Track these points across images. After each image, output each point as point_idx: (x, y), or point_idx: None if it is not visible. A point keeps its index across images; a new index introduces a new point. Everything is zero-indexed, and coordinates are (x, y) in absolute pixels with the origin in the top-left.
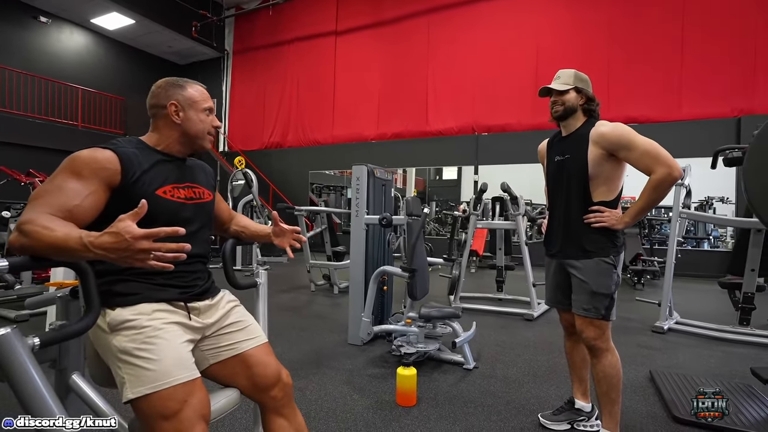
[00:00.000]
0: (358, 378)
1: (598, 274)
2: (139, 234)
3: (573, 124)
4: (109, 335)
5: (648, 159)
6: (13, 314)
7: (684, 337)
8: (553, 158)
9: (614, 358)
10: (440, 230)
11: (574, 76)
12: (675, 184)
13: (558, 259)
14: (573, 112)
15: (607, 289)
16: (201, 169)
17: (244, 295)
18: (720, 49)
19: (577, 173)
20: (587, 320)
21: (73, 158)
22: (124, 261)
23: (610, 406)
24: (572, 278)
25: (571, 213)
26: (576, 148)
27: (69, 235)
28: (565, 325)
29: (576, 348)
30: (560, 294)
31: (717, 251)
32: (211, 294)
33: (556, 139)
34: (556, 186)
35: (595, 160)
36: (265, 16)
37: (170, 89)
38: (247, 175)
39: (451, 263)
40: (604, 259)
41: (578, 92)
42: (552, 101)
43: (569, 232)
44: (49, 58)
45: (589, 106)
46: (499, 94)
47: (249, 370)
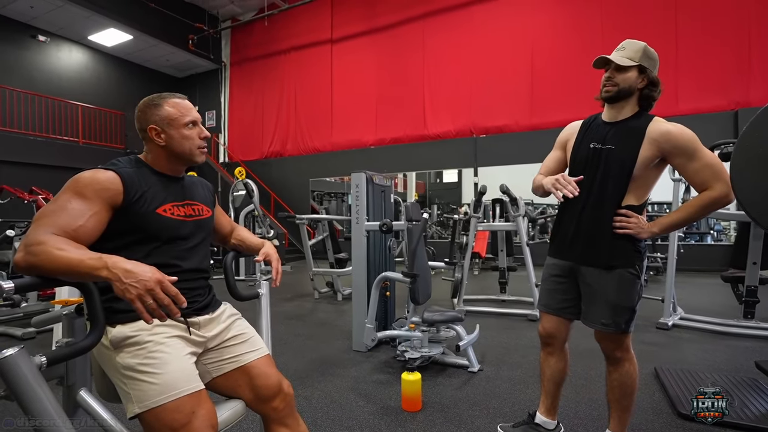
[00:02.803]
0: (364, 384)
1: (621, 285)
2: (163, 279)
3: (624, 111)
4: (112, 352)
5: (708, 173)
6: (20, 332)
7: (688, 333)
8: (586, 143)
9: (632, 367)
10: (442, 233)
11: (642, 51)
12: (673, 180)
13: (571, 262)
14: (628, 96)
15: (631, 302)
16: (200, 186)
17: (246, 306)
18: (714, 42)
19: (619, 169)
20: (605, 333)
21: (77, 179)
22: (125, 289)
23: (620, 412)
24: (584, 286)
25: (599, 213)
26: (625, 139)
27: (84, 255)
28: (545, 334)
29: (548, 361)
30: (566, 301)
31: (720, 245)
32: (212, 309)
33: (595, 122)
34: (585, 177)
35: (646, 160)
36: (260, 27)
37: (148, 111)
38: (248, 185)
39: (453, 266)
40: (628, 269)
41: (641, 72)
42: (606, 77)
43: (593, 234)
44: (49, 77)
45: (650, 91)
46: (496, 95)
47: (251, 381)
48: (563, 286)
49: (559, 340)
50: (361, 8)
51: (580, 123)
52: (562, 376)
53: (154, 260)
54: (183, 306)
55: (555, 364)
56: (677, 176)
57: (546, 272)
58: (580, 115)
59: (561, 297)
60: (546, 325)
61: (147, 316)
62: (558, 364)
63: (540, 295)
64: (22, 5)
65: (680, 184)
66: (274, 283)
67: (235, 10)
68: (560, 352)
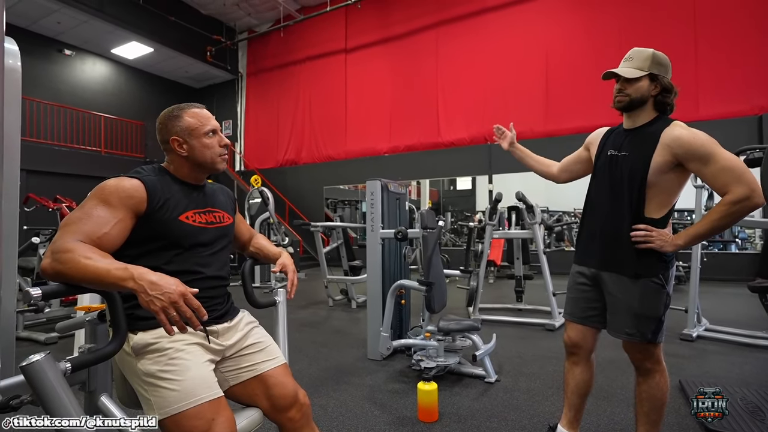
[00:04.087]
0: (379, 394)
1: (644, 295)
2: (186, 291)
3: (640, 118)
4: (133, 359)
5: (727, 176)
6: (42, 337)
7: (714, 345)
8: (606, 151)
9: (663, 379)
10: (456, 241)
11: (651, 59)
12: (695, 186)
13: (594, 270)
14: (642, 104)
15: (655, 311)
16: (221, 193)
17: (263, 312)
18: (735, 46)
19: (633, 175)
20: (631, 343)
21: (102, 187)
22: (150, 301)
23: (648, 426)
24: (608, 295)
25: (618, 221)
26: (639, 145)
27: (111, 265)
28: (570, 343)
29: (572, 371)
30: (591, 310)
31: (745, 253)
32: (230, 316)
33: (616, 130)
34: (601, 185)
35: (659, 166)
36: (276, 38)
37: (169, 123)
38: (263, 193)
39: (468, 274)
40: (652, 279)
41: (652, 80)
42: (617, 88)
43: (612, 243)
44: (74, 89)
45: (664, 98)
46: (510, 102)
47: (268, 390)
48: (588, 294)
49: (584, 349)
50: (375, 18)
51: (605, 129)
52: (587, 388)
53: (177, 267)
54: (204, 318)
55: (580, 375)
56: (699, 183)
57: (571, 280)
58: (595, 121)
59: (585, 305)
60: (571, 334)
61: (169, 328)
62: (583, 375)
63: (565, 303)
64: (50, 21)
65: (702, 190)
66: (288, 294)
67: (251, 22)
68: (586, 362)
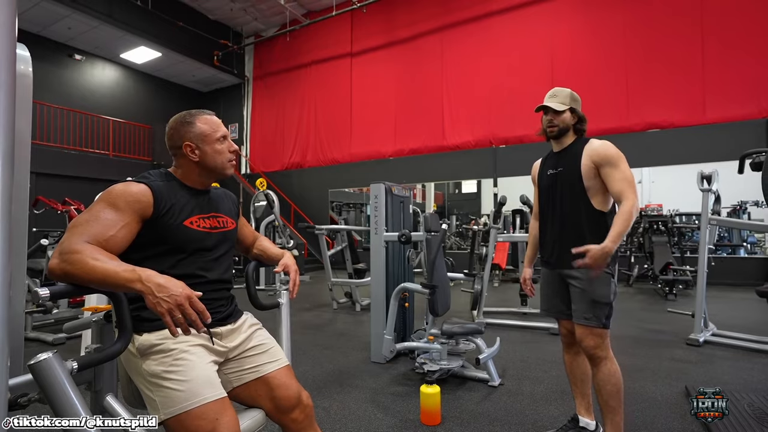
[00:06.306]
0: (382, 396)
1: (598, 283)
2: (192, 294)
3: (565, 142)
4: (138, 359)
5: (625, 184)
6: (50, 337)
7: (721, 350)
8: (545, 172)
9: (614, 366)
10: (461, 244)
11: (570, 97)
12: (702, 190)
13: (556, 269)
14: (566, 131)
15: (606, 298)
16: (225, 198)
17: (266, 315)
18: (741, 49)
19: (573, 183)
20: (587, 329)
21: (110, 191)
22: (157, 303)
23: (611, 415)
24: (571, 288)
25: (567, 222)
26: (570, 161)
27: (119, 267)
28: (565, 333)
29: (576, 361)
30: (560, 302)
31: (754, 258)
32: (233, 318)
33: (549, 155)
34: (550, 198)
35: (588, 172)
36: (282, 42)
37: (181, 129)
38: (269, 196)
39: (472, 278)
40: (603, 269)
41: (572, 112)
42: (548, 119)
43: (566, 241)
44: (83, 93)
45: (580, 126)
46: (515, 105)
47: (271, 392)
48: (556, 290)
49: None
50: (381, 22)
51: (539, 161)
52: (591, 375)
53: (180, 271)
54: (207, 321)
55: (583, 362)
56: (706, 186)
57: (541, 281)
58: (600, 124)
59: (559, 300)
60: (562, 325)
61: (174, 329)
62: (586, 363)
63: (540, 302)
64: (61, 27)
65: (709, 194)
66: (291, 294)
67: (258, 27)
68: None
